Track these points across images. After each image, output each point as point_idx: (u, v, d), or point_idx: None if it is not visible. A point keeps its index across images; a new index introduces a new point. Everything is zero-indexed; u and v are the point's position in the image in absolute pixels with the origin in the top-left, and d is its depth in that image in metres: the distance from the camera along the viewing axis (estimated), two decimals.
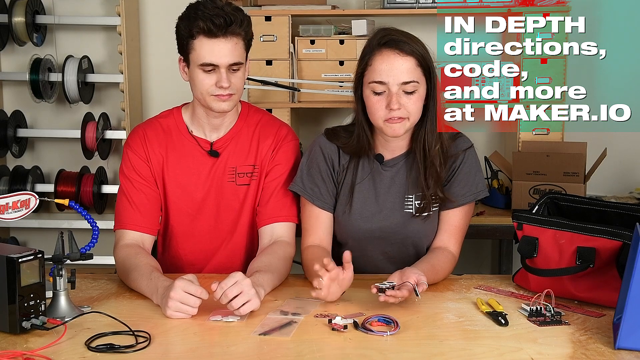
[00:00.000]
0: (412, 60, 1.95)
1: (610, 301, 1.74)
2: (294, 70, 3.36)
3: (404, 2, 3.30)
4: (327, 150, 2.09)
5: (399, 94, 1.94)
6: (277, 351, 1.55)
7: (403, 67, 1.94)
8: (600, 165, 3.15)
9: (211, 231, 2.16)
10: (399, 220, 2.07)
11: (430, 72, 1.98)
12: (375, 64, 1.96)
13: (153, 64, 3.73)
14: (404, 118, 1.96)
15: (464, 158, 2.06)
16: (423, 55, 1.96)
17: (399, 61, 1.94)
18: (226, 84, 1.99)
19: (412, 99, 1.95)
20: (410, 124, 1.99)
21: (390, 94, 1.94)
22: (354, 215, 2.08)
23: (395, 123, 1.96)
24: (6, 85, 3.75)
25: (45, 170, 3.74)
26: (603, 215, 1.90)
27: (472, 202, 2.09)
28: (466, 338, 1.63)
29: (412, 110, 1.96)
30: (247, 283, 1.73)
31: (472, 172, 2.07)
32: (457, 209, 2.07)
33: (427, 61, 1.97)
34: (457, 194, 2.05)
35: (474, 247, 3.79)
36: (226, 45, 1.97)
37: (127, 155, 2.13)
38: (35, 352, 1.53)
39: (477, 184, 2.08)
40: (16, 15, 3.45)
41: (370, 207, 2.08)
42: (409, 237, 2.08)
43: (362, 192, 2.08)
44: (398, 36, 1.97)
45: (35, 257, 1.63)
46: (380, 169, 2.08)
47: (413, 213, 2.06)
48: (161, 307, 1.76)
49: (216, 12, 1.95)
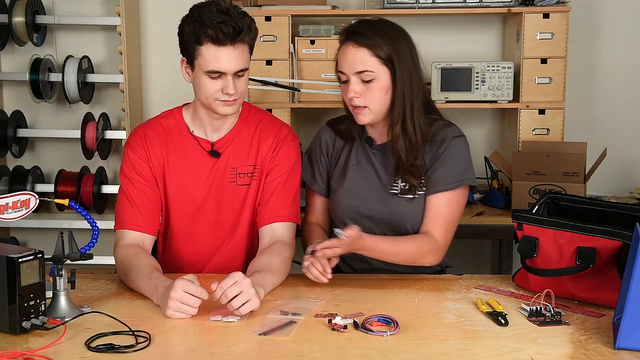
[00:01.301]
0: (365, 50, 2.02)
1: (610, 301, 1.74)
2: (294, 70, 3.36)
3: (404, 2, 3.30)
4: (325, 136, 2.25)
5: (357, 82, 2.03)
6: (277, 351, 1.55)
7: (356, 57, 2.02)
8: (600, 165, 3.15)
9: (211, 231, 2.16)
10: (384, 200, 2.12)
11: (392, 63, 2.02)
12: (339, 55, 2.08)
13: (153, 64, 3.73)
14: (363, 107, 2.05)
15: (448, 145, 2.09)
16: (380, 46, 2.01)
17: (351, 52, 2.03)
18: (232, 91, 1.99)
19: (370, 87, 2.03)
20: (374, 113, 2.06)
21: (349, 82, 2.04)
22: (344, 193, 2.16)
23: (358, 112, 2.06)
24: (6, 85, 3.75)
25: (45, 170, 3.74)
26: (603, 215, 1.90)
27: (458, 190, 2.09)
28: (466, 338, 1.63)
29: (371, 99, 2.04)
30: (246, 283, 1.73)
31: (456, 160, 2.09)
32: (440, 196, 2.08)
33: (385, 52, 2.01)
34: (438, 180, 2.08)
35: (474, 247, 3.79)
36: (233, 52, 1.96)
37: (128, 155, 2.13)
38: (35, 352, 1.53)
39: (461, 172, 2.08)
40: (16, 15, 3.44)
41: (359, 187, 2.16)
42: (394, 218, 2.11)
43: (354, 173, 2.17)
44: (358, 28, 2.06)
45: (35, 257, 1.63)
46: (369, 152, 2.16)
47: (398, 194, 2.10)
48: (161, 307, 1.77)
49: (224, 20, 1.93)
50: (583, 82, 3.62)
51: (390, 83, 2.04)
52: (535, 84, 3.31)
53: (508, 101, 3.34)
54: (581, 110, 3.61)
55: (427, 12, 3.33)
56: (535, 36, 3.27)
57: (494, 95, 3.31)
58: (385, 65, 2.02)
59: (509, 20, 3.55)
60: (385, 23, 2.10)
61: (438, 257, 2.08)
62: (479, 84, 3.31)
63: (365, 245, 1.97)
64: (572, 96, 3.50)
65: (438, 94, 3.33)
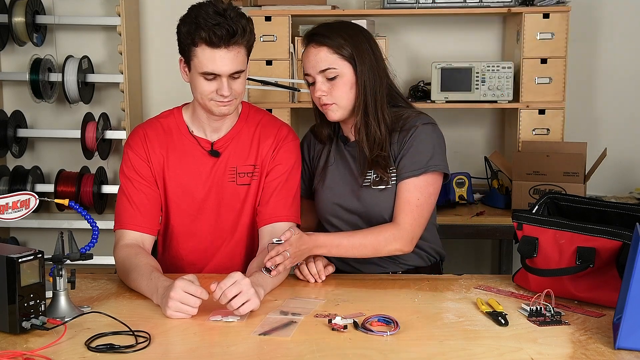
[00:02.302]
0: (324, 49, 2.06)
1: (610, 301, 1.74)
2: (294, 70, 3.36)
3: (404, 2, 3.30)
4: (306, 142, 2.31)
5: (322, 81, 2.08)
6: (277, 351, 1.55)
7: (317, 57, 2.07)
8: (600, 165, 3.15)
9: (211, 231, 2.16)
10: (357, 193, 2.15)
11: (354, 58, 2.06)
12: (303, 59, 2.13)
13: (153, 64, 3.73)
14: (331, 104, 2.09)
15: (414, 133, 2.09)
16: (339, 42, 2.05)
17: (313, 52, 2.09)
18: (227, 93, 1.99)
19: (335, 84, 2.07)
20: (342, 108, 2.11)
21: (316, 82, 2.09)
22: (325, 191, 2.21)
23: (327, 109, 2.11)
24: (6, 85, 3.75)
25: (45, 170, 3.74)
26: (603, 215, 1.89)
27: (425, 176, 2.07)
28: (466, 338, 1.62)
29: (338, 95, 2.08)
30: (246, 283, 1.73)
31: (423, 146, 2.09)
32: (407, 182, 2.07)
33: (345, 48, 2.05)
34: (405, 167, 2.09)
35: (474, 247, 3.79)
36: (228, 55, 1.95)
37: (128, 155, 2.13)
38: (35, 352, 1.53)
39: (427, 159, 2.07)
40: (16, 15, 3.45)
41: (337, 183, 2.19)
42: (369, 210, 2.13)
43: (332, 171, 2.21)
44: (317, 30, 2.11)
45: (35, 257, 1.63)
46: (344, 150, 2.21)
47: (370, 185, 2.12)
48: (161, 307, 1.77)
49: (218, 22, 1.92)
50: (583, 82, 3.63)
51: (354, 78, 2.07)
52: (535, 84, 3.31)
53: (508, 101, 3.34)
54: (581, 110, 3.61)
55: (427, 12, 3.34)
56: (535, 36, 3.27)
57: (494, 95, 3.32)
58: (347, 60, 2.06)
59: (509, 20, 3.55)
60: (345, 23, 2.15)
61: (404, 244, 2.05)
62: (479, 84, 3.31)
63: (318, 242, 1.99)
64: (572, 96, 3.51)
65: (438, 94, 3.33)
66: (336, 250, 2.03)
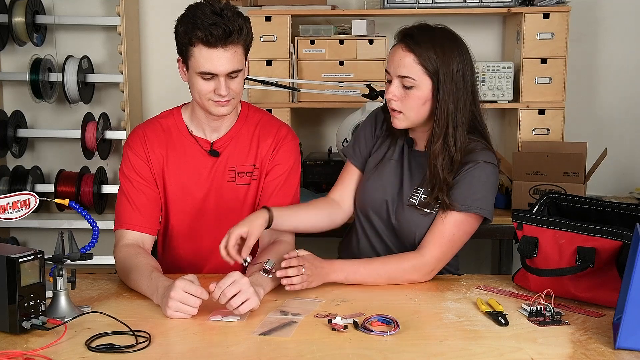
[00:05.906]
0: (411, 56, 1.97)
1: (610, 301, 1.74)
2: (294, 70, 3.35)
3: (404, 2, 3.30)
4: (379, 118, 2.20)
5: (397, 85, 1.99)
6: (277, 351, 1.55)
7: (402, 61, 1.98)
8: (600, 165, 3.15)
9: (211, 231, 2.16)
10: (399, 206, 2.08)
11: (437, 76, 1.95)
12: (389, 55, 2.04)
13: (153, 64, 3.73)
14: (398, 111, 2.01)
15: (472, 168, 1.99)
16: (428, 56, 1.95)
17: (399, 54, 1.99)
18: (224, 92, 1.99)
19: (409, 94, 1.98)
20: (409, 120, 2.02)
21: (392, 83, 2.01)
22: (369, 182, 2.14)
23: (395, 116, 2.03)
24: (6, 85, 3.75)
25: (45, 171, 3.74)
26: (603, 215, 1.90)
27: (466, 215, 1.99)
28: (466, 338, 1.63)
29: (408, 106, 1.99)
30: (245, 282, 1.73)
31: (476, 184, 1.99)
32: (449, 215, 1.99)
33: (432, 64, 1.95)
34: (450, 198, 1.99)
35: (474, 247, 3.79)
36: (225, 54, 1.95)
37: (127, 155, 2.13)
38: (35, 352, 1.53)
39: (475, 198, 1.98)
40: (16, 15, 3.44)
41: (384, 182, 2.12)
42: (403, 228, 2.06)
43: (385, 167, 2.13)
44: (413, 32, 2.00)
45: (35, 257, 1.63)
46: (407, 154, 2.13)
47: (415, 204, 2.05)
48: (161, 307, 1.77)
49: (215, 21, 1.92)
50: (583, 82, 3.62)
51: (430, 95, 1.97)
52: (535, 84, 3.30)
53: (508, 101, 3.34)
54: (581, 110, 3.61)
55: (427, 12, 3.33)
56: (535, 36, 3.27)
57: (494, 95, 3.31)
58: (429, 76, 1.96)
59: (509, 20, 3.55)
60: (445, 34, 2.02)
61: (422, 276, 1.99)
62: (479, 84, 3.31)
63: (334, 266, 1.94)
64: (572, 96, 3.50)
65: None
66: (353, 277, 1.96)
